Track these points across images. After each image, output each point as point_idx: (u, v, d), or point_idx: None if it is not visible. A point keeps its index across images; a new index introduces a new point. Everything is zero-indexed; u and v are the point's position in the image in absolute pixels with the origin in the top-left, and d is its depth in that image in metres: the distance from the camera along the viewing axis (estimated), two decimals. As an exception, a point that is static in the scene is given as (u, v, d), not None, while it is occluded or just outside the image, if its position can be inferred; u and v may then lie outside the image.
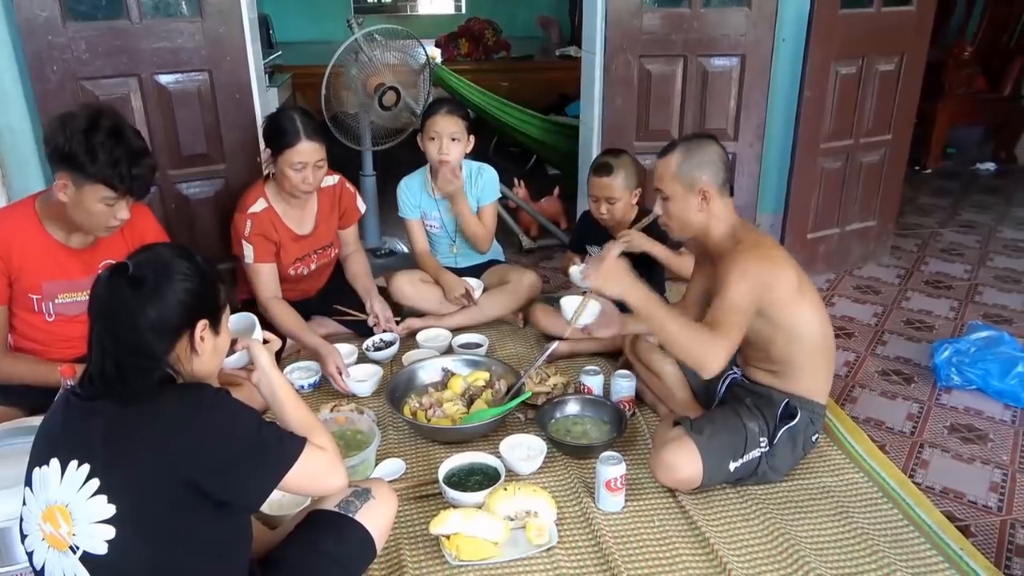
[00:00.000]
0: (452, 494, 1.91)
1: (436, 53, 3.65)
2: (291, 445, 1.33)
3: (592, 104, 3.27)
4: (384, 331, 2.69)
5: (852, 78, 3.21)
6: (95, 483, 1.20)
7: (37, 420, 1.71)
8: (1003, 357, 2.52)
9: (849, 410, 2.44)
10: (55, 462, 1.24)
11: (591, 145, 3.32)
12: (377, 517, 1.55)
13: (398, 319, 2.77)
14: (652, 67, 3.17)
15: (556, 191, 4.06)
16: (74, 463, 1.22)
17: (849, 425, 2.33)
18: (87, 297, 2.10)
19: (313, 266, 2.69)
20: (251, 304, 2.54)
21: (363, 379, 2.47)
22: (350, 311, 2.75)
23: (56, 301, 2.08)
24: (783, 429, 1.95)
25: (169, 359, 1.30)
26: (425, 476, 2.07)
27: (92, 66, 2.59)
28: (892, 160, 3.49)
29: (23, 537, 1.30)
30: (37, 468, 1.27)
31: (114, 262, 2.11)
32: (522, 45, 6.74)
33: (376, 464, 2.07)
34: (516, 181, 3.95)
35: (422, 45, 3.54)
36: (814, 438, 2.07)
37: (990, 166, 5.35)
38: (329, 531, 1.50)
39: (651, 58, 3.16)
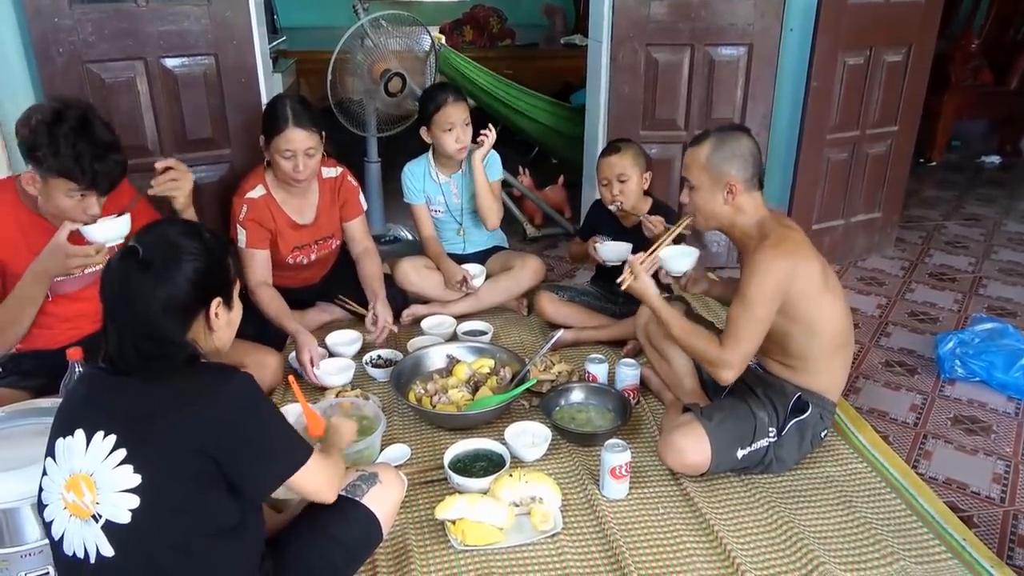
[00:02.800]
0: (457, 480, 1.92)
1: (441, 37, 3.62)
2: (301, 451, 1.37)
3: (598, 93, 3.26)
4: (381, 330, 2.57)
5: (859, 69, 3.20)
6: (121, 453, 1.22)
7: (42, 402, 1.71)
8: (1007, 349, 2.53)
9: (853, 401, 2.45)
10: (80, 433, 1.26)
11: (597, 134, 3.31)
12: (384, 501, 1.57)
13: (398, 323, 2.74)
14: (659, 56, 3.16)
15: (560, 180, 4.05)
16: (100, 434, 1.24)
17: (853, 416, 2.33)
18: (82, 273, 2.10)
19: (313, 256, 2.68)
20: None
21: (334, 372, 2.44)
22: (352, 304, 2.74)
23: (54, 280, 2.07)
24: (792, 422, 1.95)
25: (187, 339, 1.32)
26: (430, 462, 2.08)
27: (98, 49, 2.58)
28: (898, 152, 3.48)
29: (42, 508, 1.31)
30: (60, 439, 1.28)
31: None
32: (527, 33, 6.70)
33: (381, 450, 2.08)
34: (520, 169, 3.95)
35: (428, 31, 3.52)
36: (823, 434, 2.06)
37: (995, 159, 5.33)
38: (335, 514, 1.51)
39: (658, 47, 3.14)
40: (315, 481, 1.40)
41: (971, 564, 1.74)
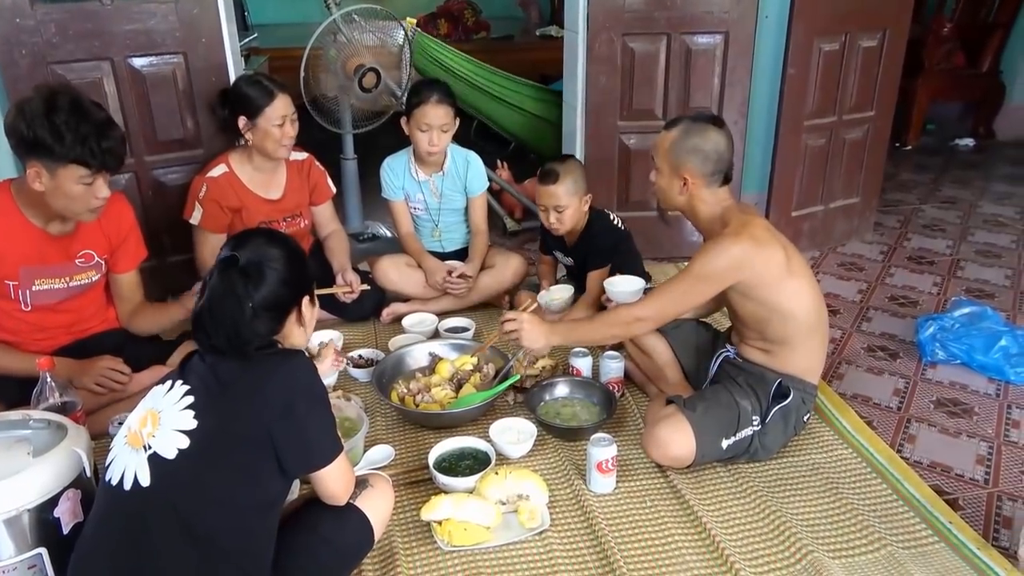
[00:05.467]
0: (443, 479, 1.90)
1: (413, 21, 3.56)
2: (338, 444, 1.46)
3: (575, 84, 3.24)
4: (357, 294, 2.65)
5: (835, 54, 3.20)
6: (189, 399, 1.35)
7: (13, 414, 1.66)
8: (987, 331, 2.54)
9: (836, 387, 2.45)
10: (170, 382, 1.41)
11: (575, 125, 3.29)
12: (376, 505, 1.57)
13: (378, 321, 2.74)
14: (635, 45, 3.14)
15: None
16: (180, 382, 1.39)
17: (837, 402, 2.34)
18: (64, 284, 2.09)
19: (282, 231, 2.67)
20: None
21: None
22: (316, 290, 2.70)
23: (33, 288, 2.04)
24: (775, 408, 1.95)
25: (277, 336, 1.47)
26: (415, 462, 2.05)
27: (63, 50, 2.53)
28: (875, 137, 3.49)
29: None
30: (158, 386, 1.43)
31: (93, 252, 2.12)
32: (502, 25, 6.67)
33: (365, 451, 2.05)
34: (499, 163, 3.91)
35: (401, 24, 3.48)
36: (805, 418, 2.07)
37: (969, 142, 5.37)
38: (328, 516, 1.51)
39: (634, 36, 3.12)
40: (340, 480, 1.47)
41: (957, 547, 1.75)
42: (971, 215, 4.03)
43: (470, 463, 1.97)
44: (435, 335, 2.67)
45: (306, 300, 1.52)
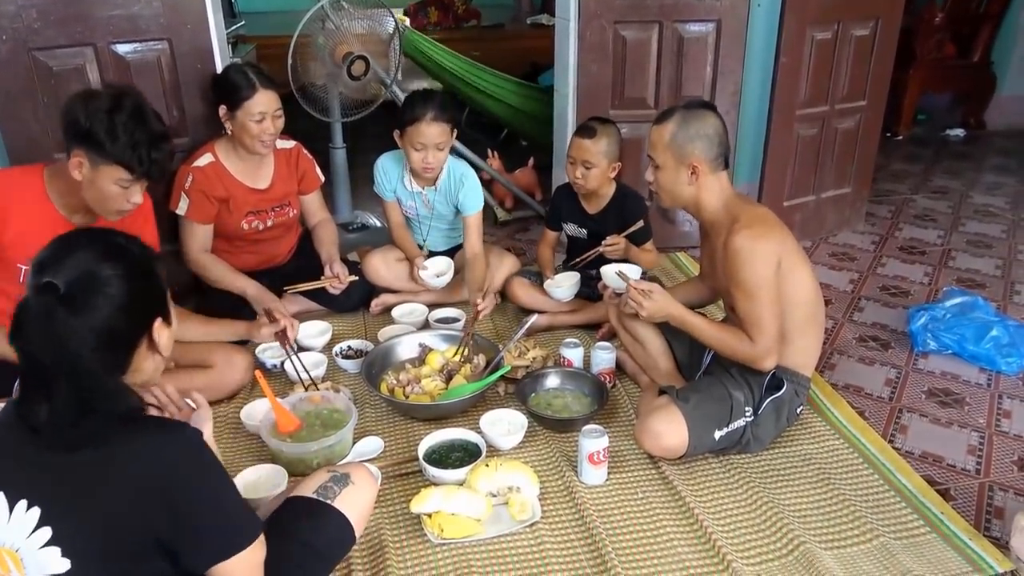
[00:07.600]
0: (433, 471, 1.88)
1: (405, 19, 3.54)
2: (252, 527, 1.20)
3: (567, 72, 3.21)
4: (345, 286, 2.62)
5: (827, 43, 3.18)
6: (47, 532, 1.07)
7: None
8: (978, 322, 2.54)
9: (828, 377, 2.45)
10: (0, 496, 1.10)
11: (566, 114, 3.27)
12: (356, 502, 1.51)
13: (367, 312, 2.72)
14: (627, 33, 3.11)
15: (530, 162, 4.00)
16: (23, 504, 1.08)
17: (829, 392, 2.33)
18: None
19: (269, 223, 2.64)
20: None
21: (315, 335, 2.57)
22: (303, 285, 2.63)
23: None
24: (768, 400, 1.94)
25: (124, 382, 1.17)
26: (404, 454, 2.03)
27: (44, 36, 2.47)
28: (867, 126, 3.48)
29: None
30: None
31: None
32: (492, 13, 6.62)
33: (354, 443, 2.03)
34: (490, 152, 3.88)
35: (391, 13, 3.43)
36: (798, 410, 2.06)
37: (959, 132, 5.38)
38: (306, 518, 1.45)
39: (626, 24, 3.09)
40: (256, 561, 1.20)
41: (949, 537, 1.75)
42: (962, 205, 4.03)
43: (460, 455, 1.96)
44: (425, 326, 2.64)
45: (158, 323, 1.21)
